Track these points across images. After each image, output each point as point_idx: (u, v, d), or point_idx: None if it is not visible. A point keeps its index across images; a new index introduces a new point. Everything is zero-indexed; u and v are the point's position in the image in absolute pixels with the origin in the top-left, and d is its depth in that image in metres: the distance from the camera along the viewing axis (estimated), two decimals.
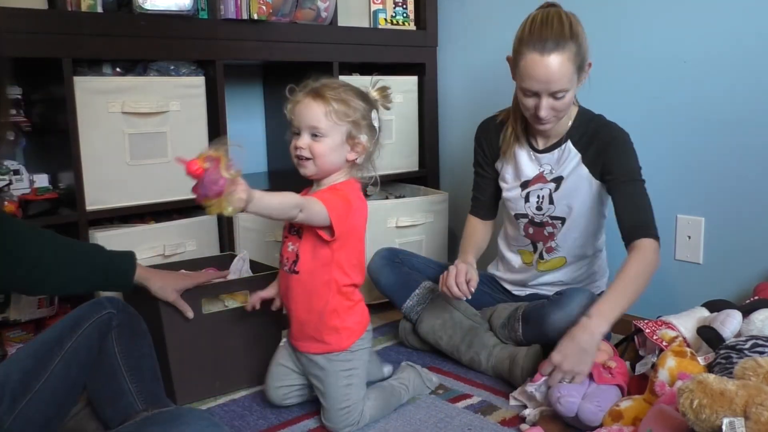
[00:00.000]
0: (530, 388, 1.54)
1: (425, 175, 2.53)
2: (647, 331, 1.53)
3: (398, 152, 2.44)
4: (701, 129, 1.91)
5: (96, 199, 1.80)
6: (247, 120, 2.45)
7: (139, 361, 1.35)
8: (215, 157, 1.14)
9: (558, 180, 1.81)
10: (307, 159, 1.47)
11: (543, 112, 1.66)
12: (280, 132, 1.52)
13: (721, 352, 1.34)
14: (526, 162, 1.85)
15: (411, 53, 2.45)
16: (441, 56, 2.51)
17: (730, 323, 1.42)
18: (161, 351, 1.61)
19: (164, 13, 1.83)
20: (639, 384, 1.48)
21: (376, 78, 1.57)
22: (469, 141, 2.01)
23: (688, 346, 1.44)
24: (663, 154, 1.99)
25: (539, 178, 1.84)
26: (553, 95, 1.64)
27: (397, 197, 2.45)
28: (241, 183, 1.20)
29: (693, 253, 1.96)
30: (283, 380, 1.62)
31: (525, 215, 1.87)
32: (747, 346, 1.30)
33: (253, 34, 2.02)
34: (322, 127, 1.45)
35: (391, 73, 2.43)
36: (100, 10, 1.79)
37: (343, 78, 2.24)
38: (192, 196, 1.16)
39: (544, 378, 1.52)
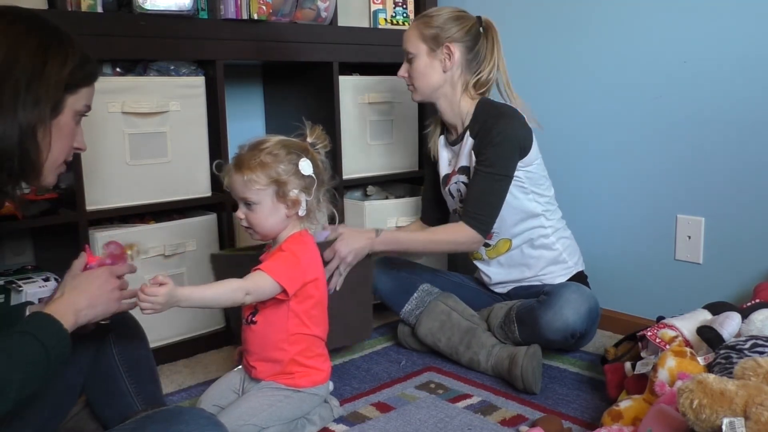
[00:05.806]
0: None
1: (425, 175, 2.52)
2: (649, 334, 1.53)
3: (398, 152, 2.43)
4: (701, 129, 1.91)
5: (96, 199, 1.80)
6: (247, 120, 2.45)
7: (137, 362, 1.35)
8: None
9: (465, 170, 1.89)
10: (249, 228, 1.49)
11: (400, 71, 1.94)
12: (281, 132, 1.52)
13: (721, 352, 1.33)
14: (444, 157, 1.99)
15: None
16: None
17: (729, 325, 1.41)
18: None
19: (164, 13, 1.83)
20: (639, 384, 1.48)
21: (309, 122, 1.55)
22: None
23: (690, 347, 1.44)
24: (663, 154, 1.99)
25: (451, 171, 1.96)
26: (407, 57, 1.91)
27: (397, 197, 2.45)
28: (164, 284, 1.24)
29: (693, 253, 1.96)
30: (220, 402, 1.54)
31: (455, 211, 1.99)
32: (747, 346, 1.30)
33: (253, 34, 2.02)
34: (250, 196, 1.46)
35: (391, 73, 2.42)
36: (100, 10, 1.79)
37: (342, 78, 2.24)
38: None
39: None
